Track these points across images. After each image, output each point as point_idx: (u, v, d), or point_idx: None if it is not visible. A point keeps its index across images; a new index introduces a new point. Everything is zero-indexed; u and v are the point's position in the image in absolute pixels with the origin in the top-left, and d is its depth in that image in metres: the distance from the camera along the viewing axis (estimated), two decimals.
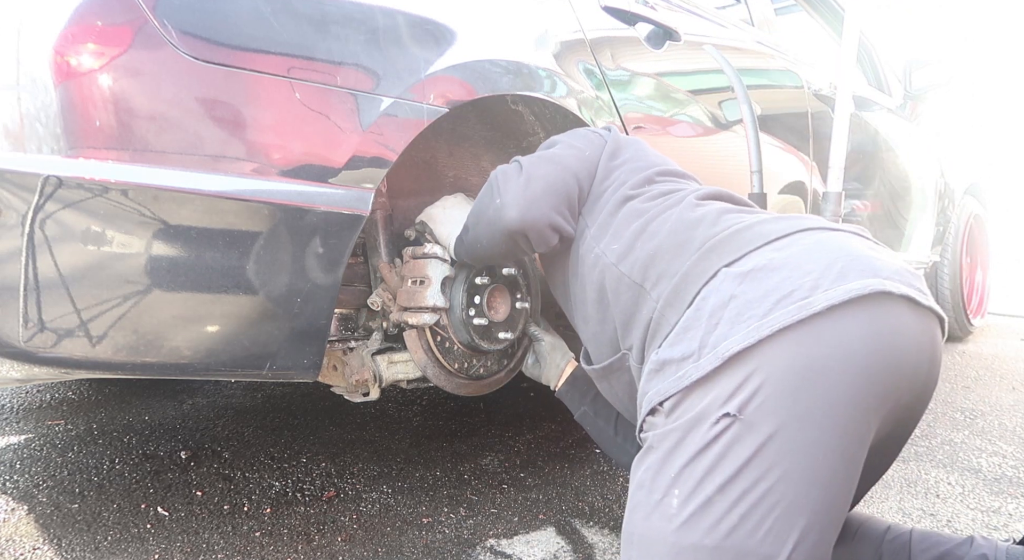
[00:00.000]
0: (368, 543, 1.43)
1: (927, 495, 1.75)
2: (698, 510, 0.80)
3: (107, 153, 0.94)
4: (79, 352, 0.98)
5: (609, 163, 1.18)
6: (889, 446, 0.95)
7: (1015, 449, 2.11)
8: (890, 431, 0.90)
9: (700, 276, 0.91)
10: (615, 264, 1.03)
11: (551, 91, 1.43)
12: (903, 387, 0.85)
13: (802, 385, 0.80)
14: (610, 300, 1.04)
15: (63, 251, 0.94)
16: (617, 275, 1.03)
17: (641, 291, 0.98)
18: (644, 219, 1.05)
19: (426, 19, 1.24)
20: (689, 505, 0.81)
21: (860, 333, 0.81)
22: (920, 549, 1.05)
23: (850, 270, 0.84)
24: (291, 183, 1.06)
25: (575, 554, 1.41)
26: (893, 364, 0.83)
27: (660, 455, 0.86)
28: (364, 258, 1.46)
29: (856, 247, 0.89)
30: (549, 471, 1.84)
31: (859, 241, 0.93)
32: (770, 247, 0.90)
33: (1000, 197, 5.49)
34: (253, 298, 1.07)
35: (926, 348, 0.87)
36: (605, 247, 1.07)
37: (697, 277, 0.91)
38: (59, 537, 1.41)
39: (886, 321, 0.83)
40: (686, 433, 0.84)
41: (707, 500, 0.80)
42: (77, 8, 0.92)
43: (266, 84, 1.03)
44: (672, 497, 0.83)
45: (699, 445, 0.82)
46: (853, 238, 0.94)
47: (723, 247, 0.92)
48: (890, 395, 0.84)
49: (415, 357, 1.40)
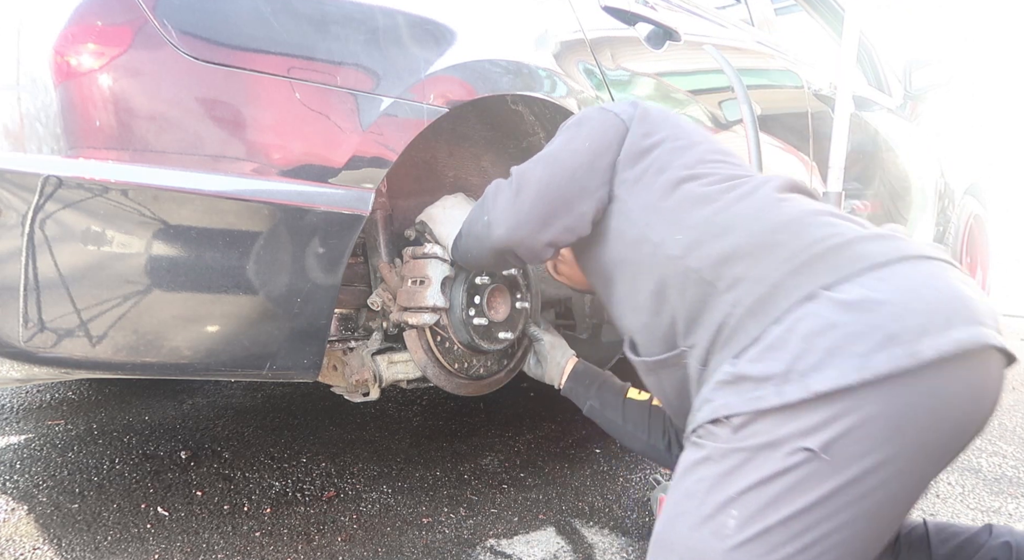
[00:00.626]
0: (368, 543, 1.43)
1: (927, 495, 1.75)
2: (756, 536, 0.79)
3: (107, 153, 0.94)
4: (79, 352, 0.98)
5: (642, 142, 1.08)
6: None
7: (1015, 449, 2.11)
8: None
9: (793, 292, 0.86)
10: (680, 257, 0.96)
11: (551, 91, 1.43)
12: (977, 434, 0.87)
13: (894, 436, 0.78)
14: (672, 295, 0.97)
15: (63, 251, 0.94)
16: (683, 269, 0.96)
17: (712, 290, 0.92)
18: (712, 209, 0.97)
19: (426, 19, 1.24)
20: (747, 529, 0.80)
21: (961, 389, 0.81)
22: (939, 540, 1.05)
23: (955, 316, 0.82)
24: (291, 183, 1.06)
25: (575, 554, 1.41)
26: (981, 419, 0.84)
27: (720, 471, 0.84)
28: (364, 258, 1.46)
29: (957, 286, 0.86)
30: (549, 471, 1.84)
31: (957, 276, 0.89)
32: (873, 275, 0.85)
33: (1000, 197, 5.49)
34: (253, 298, 1.07)
35: (999, 396, 0.88)
36: (665, 236, 0.99)
37: (789, 292, 0.86)
38: (59, 537, 1.41)
39: (985, 378, 0.83)
40: (755, 455, 0.82)
41: (767, 528, 0.79)
42: (77, 8, 0.92)
43: (266, 84, 1.03)
44: (729, 517, 0.82)
45: (768, 472, 0.80)
46: (951, 271, 0.89)
47: (820, 264, 0.87)
48: (967, 445, 0.86)
49: (415, 357, 1.40)
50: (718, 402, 0.86)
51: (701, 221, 0.97)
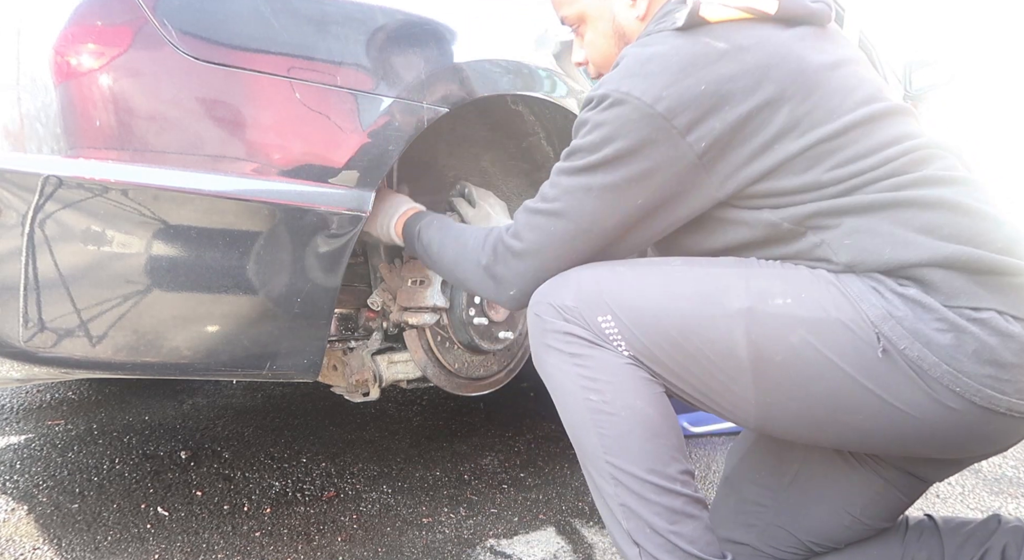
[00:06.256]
0: (368, 543, 1.43)
1: (927, 495, 1.75)
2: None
3: (107, 153, 0.94)
4: (79, 352, 0.98)
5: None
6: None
7: (1015, 449, 2.11)
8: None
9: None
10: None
11: (551, 91, 1.43)
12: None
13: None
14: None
15: (63, 251, 0.94)
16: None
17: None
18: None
19: (426, 19, 1.24)
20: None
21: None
22: (948, 529, 1.06)
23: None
24: (291, 183, 1.06)
25: (575, 554, 1.41)
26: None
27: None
28: (364, 258, 1.46)
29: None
30: (549, 471, 1.84)
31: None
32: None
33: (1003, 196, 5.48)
34: (253, 298, 1.07)
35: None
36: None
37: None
38: (59, 537, 1.41)
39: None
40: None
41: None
42: (77, 8, 0.92)
43: (266, 84, 1.03)
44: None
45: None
46: None
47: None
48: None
49: (415, 357, 1.40)
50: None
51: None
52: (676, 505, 0.90)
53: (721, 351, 0.87)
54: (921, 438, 0.87)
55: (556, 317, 0.93)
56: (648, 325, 0.89)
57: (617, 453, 0.91)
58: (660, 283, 0.92)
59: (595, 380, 0.91)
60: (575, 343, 0.92)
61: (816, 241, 0.90)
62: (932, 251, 0.84)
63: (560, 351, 0.93)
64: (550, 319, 0.93)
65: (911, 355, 0.83)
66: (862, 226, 0.87)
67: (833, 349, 0.84)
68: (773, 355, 0.86)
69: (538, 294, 0.97)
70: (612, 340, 0.91)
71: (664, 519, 0.90)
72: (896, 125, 0.92)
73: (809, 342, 0.85)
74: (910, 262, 0.85)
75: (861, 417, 0.86)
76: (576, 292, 0.93)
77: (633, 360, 0.91)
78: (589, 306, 0.91)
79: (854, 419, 0.87)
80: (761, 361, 0.86)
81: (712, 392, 0.91)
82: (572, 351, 0.92)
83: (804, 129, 0.88)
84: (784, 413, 0.89)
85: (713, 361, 0.88)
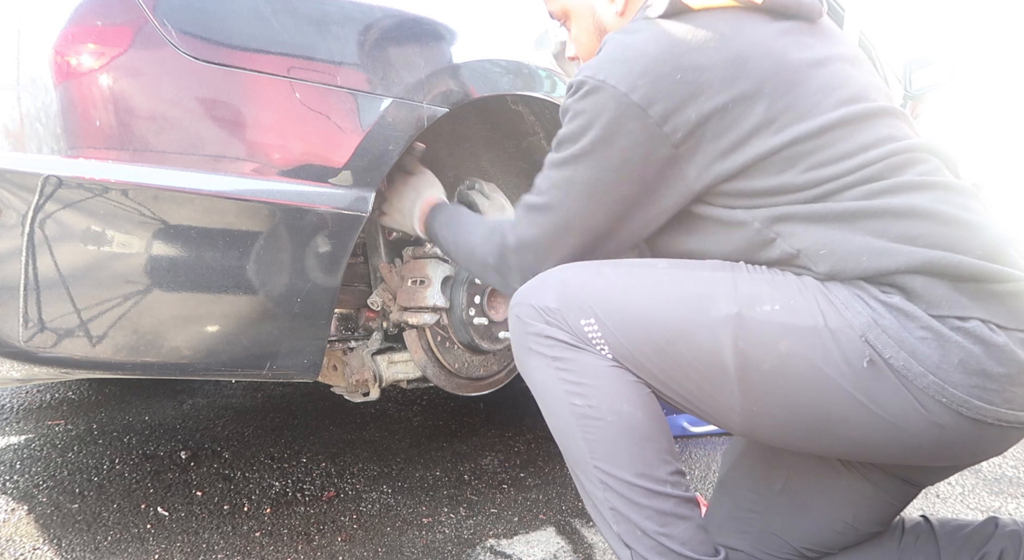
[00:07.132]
0: (368, 543, 1.43)
1: (927, 495, 1.75)
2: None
3: (107, 153, 0.94)
4: (79, 352, 0.98)
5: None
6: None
7: (1015, 449, 2.11)
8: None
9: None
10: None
11: (551, 91, 1.43)
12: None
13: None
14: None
15: (63, 251, 0.94)
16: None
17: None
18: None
19: (426, 19, 1.24)
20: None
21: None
22: (945, 532, 1.06)
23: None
24: (291, 183, 1.06)
25: (575, 554, 1.41)
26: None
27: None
28: (364, 258, 1.46)
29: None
30: (549, 471, 1.84)
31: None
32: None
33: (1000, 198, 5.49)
34: (253, 298, 1.07)
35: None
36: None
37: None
38: (59, 537, 1.41)
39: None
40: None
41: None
42: (77, 8, 0.93)
43: (266, 84, 1.03)
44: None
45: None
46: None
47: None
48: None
49: (415, 357, 1.39)
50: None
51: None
52: (666, 507, 0.89)
53: (706, 358, 0.86)
54: (910, 447, 0.86)
55: (538, 319, 0.91)
56: (632, 330, 0.88)
57: (605, 458, 0.90)
58: (646, 286, 0.90)
59: (579, 384, 0.89)
60: (557, 346, 0.90)
61: (791, 251, 0.88)
62: (910, 256, 0.82)
63: (542, 355, 0.91)
64: (531, 322, 0.92)
65: (896, 365, 0.81)
66: (836, 237, 0.85)
67: (821, 358, 0.83)
68: (760, 363, 0.84)
69: (519, 295, 0.95)
70: (595, 344, 0.89)
71: (655, 522, 0.89)
72: (879, 127, 0.90)
73: (797, 350, 0.83)
74: (889, 269, 0.83)
75: (848, 427, 0.85)
76: (559, 294, 0.91)
77: (617, 363, 0.90)
78: (572, 309, 0.89)
79: (841, 428, 0.85)
80: (748, 369, 0.84)
81: (696, 398, 0.89)
82: (554, 355, 0.90)
83: (780, 127, 0.86)
84: (770, 421, 0.88)
85: (696, 368, 0.86)
